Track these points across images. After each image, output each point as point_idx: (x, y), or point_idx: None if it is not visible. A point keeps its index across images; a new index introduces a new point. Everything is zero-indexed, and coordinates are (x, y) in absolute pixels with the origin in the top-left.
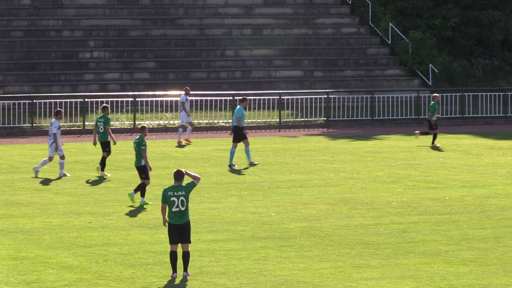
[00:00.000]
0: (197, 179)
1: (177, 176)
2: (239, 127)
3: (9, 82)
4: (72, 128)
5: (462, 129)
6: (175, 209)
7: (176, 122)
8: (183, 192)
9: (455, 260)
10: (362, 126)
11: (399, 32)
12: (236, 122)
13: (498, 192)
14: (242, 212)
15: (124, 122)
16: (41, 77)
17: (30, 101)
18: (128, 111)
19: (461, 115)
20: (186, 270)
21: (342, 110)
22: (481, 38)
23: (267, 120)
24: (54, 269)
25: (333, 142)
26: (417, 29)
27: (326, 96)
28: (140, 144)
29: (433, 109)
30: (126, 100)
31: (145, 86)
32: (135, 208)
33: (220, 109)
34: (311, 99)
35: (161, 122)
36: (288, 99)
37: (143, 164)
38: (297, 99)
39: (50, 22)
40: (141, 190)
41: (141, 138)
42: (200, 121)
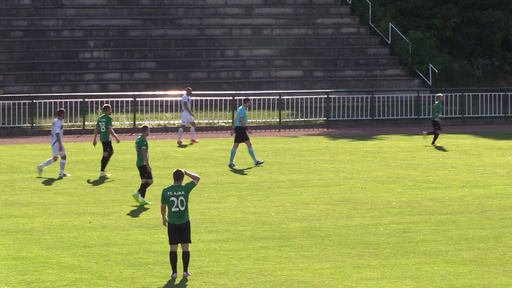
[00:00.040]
0: (197, 179)
1: (177, 176)
2: (242, 127)
3: (9, 82)
4: (72, 128)
5: (462, 129)
6: (175, 209)
7: (176, 122)
8: (183, 192)
9: (455, 260)
10: (362, 126)
11: (399, 32)
12: (239, 123)
13: (498, 192)
14: (242, 212)
15: (124, 122)
16: (41, 77)
17: (30, 101)
18: (128, 111)
19: (461, 115)
20: (186, 270)
21: (342, 110)
22: (481, 38)
23: (267, 120)
24: (54, 269)
25: (333, 142)
26: (417, 29)
27: (326, 96)
28: (141, 144)
29: (438, 109)
30: (126, 100)
31: (145, 86)
32: (135, 208)
33: (220, 109)
34: (311, 99)
35: (161, 122)
36: (288, 99)
37: (145, 164)
38: (297, 99)
39: (50, 22)
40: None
41: (143, 138)
42: (200, 121)
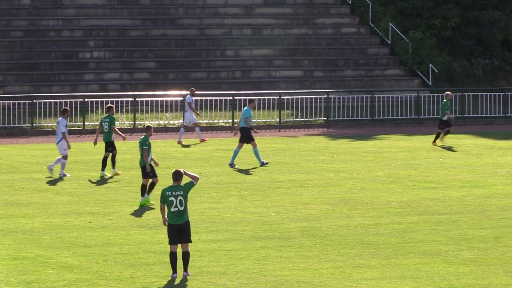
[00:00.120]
0: (196, 179)
1: (176, 176)
2: (247, 128)
3: (9, 82)
4: (72, 128)
5: (462, 129)
6: (174, 209)
7: (176, 122)
8: (181, 192)
9: (455, 260)
10: (362, 126)
11: (399, 32)
12: (244, 123)
13: (498, 192)
14: (242, 212)
15: (124, 122)
16: (41, 77)
17: (30, 101)
18: (128, 111)
19: (461, 115)
20: (186, 270)
21: (342, 110)
22: (481, 38)
23: (267, 120)
24: (54, 269)
25: (333, 142)
26: (417, 29)
27: (326, 96)
28: (143, 144)
29: (447, 107)
30: (126, 100)
31: (145, 86)
32: (135, 208)
33: (220, 109)
34: (311, 99)
35: (161, 122)
36: (288, 99)
37: (150, 163)
38: (297, 99)
39: (50, 22)
40: (142, 190)
41: (146, 138)
42: (200, 121)
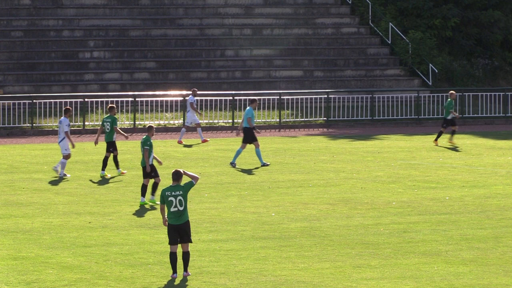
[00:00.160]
0: (196, 179)
1: (175, 176)
2: (250, 128)
3: (9, 82)
4: (72, 128)
5: (462, 129)
6: (173, 209)
7: (176, 122)
8: (181, 192)
9: (455, 260)
10: (362, 126)
11: (399, 32)
12: (247, 123)
13: (498, 192)
14: (242, 212)
15: (124, 122)
16: (41, 77)
17: (30, 101)
18: (128, 111)
19: (461, 115)
20: (186, 270)
21: (342, 110)
22: (481, 38)
23: (267, 120)
24: (54, 269)
25: (333, 142)
26: (417, 29)
27: (326, 96)
28: (145, 144)
29: (451, 106)
30: (126, 100)
31: (145, 86)
32: (135, 208)
33: (220, 109)
34: (311, 99)
35: (161, 122)
36: (288, 99)
37: (151, 164)
38: (297, 99)
39: (50, 22)
40: (142, 190)
41: (147, 138)
42: (200, 121)
